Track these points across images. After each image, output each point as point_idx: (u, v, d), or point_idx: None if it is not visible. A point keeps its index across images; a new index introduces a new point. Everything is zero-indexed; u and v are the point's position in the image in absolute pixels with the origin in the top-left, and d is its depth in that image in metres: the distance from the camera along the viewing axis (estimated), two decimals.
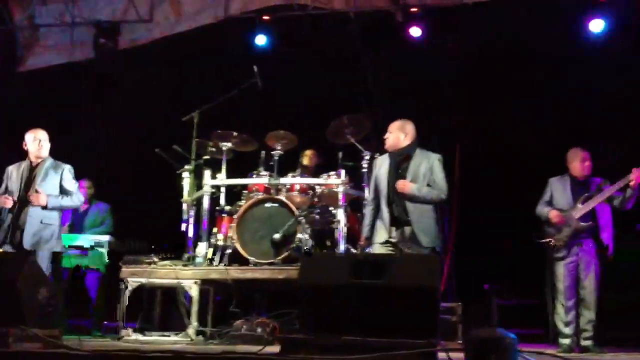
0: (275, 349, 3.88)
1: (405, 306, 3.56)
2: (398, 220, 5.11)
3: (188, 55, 7.94)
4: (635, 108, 7.11)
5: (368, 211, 5.39)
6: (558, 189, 5.69)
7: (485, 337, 3.29)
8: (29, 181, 5.77)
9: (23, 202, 5.70)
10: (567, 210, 5.57)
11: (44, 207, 5.67)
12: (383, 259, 3.79)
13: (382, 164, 5.33)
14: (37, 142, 5.80)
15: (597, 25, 7.12)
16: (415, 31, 7.61)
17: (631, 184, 5.32)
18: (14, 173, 5.83)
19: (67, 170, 5.88)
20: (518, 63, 7.49)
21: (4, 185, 5.86)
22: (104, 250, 6.96)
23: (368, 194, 5.58)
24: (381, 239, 5.15)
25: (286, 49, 7.86)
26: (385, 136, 5.32)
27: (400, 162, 5.21)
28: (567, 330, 5.51)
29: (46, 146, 5.85)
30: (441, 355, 3.46)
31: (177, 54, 8.00)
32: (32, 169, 5.82)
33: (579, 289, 5.54)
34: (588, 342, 5.41)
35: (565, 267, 5.55)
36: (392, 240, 5.08)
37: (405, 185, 5.07)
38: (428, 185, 5.13)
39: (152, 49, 8.07)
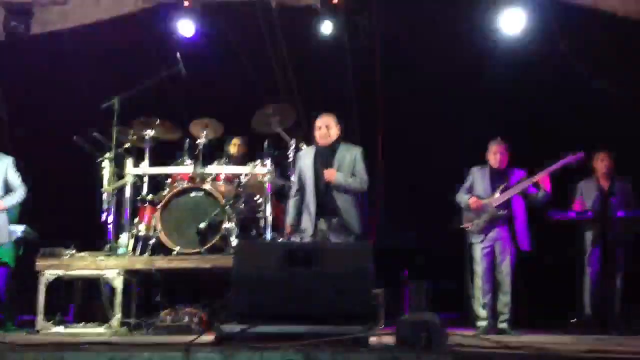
0: (208, 338, 3.87)
1: (339, 293, 3.64)
2: (325, 211, 5.28)
3: (109, 41, 7.69)
4: (554, 102, 7.50)
5: (292, 202, 5.53)
6: (478, 178, 5.96)
7: (416, 321, 3.41)
8: None
9: None
10: (485, 198, 5.83)
11: None
12: (317, 247, 3.85)
13: (306, 156, 5.51)
14: None
15: (516, 18, 7.37)
16: (326, 27, 7.69)
17: (542, 187, 5.64)
18: None
19: (12, 162, 5.67)
20: (438, 54, 7.70)
21: None
22: (12, 243, 6.65)
23: (292, 183, 5.67)
24: (308, 231, 5.28)
25: (210, 37, 7.76)
26: (318, 130, 5.45)
27: (327, 155, 5.40)
28: (484, 313, 5.77)
29: None
30: (372, 339, 3.56)
31: (97, 40, 7.73)
32: None
33: (495, 274, 5.82)
34: (504, 325, 5.70)
35: (483, 252, 5.82)
36: (321, 231, 5.22)
37: (332, 174, 5.26)
38: (353, 175, 5.33)
39: (69, 34, 7.76)
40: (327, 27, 7.68)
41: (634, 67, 7.19)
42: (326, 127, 5.43)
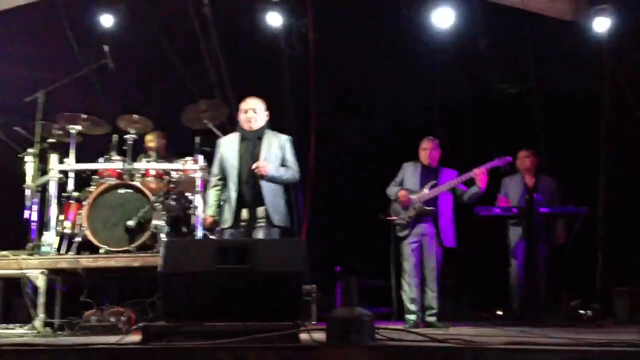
0: (135, 338, 3.79)
1: (270, 290, 3.63)
2: (248, 201, 5.02)
3: (31, 31, 7.41)
4: (481, 101, 7.70)
5: (212, 192, 5.28)
6: (409, 173, 6.08)
7: (346, 316, 3.43)
8: None
9: None
10: (414, 193, 5.95)
11: None
12: (248, 244, 3.82)
13: (229, 143, 5.22)
14: None
15: (445, 19, 7.51)
16: (272, 17, 7.66)
17: (478, 183, 5.77)
18: None
19: None
20: (370, 52, 7.78)
21: None
22: None
23: (212, 171, 5.40)
24: (228, 223, 5.06)
25: (140, 30, 7.59)
26: (244, 113, 5.19)
27: (253, 142, 5.15)
28: (413, 307, 5.88)
29: None
30: (303, 335, 3.56)
31: (19, 30, 7.44)
32: None
33: (423, 268, 5.94)
34: (432, 318, 5.82)
35: (411, 247, 5.93)
36: (243, 223, 4.93)
37: (263, 167, 4.99)
38: (283, 165, 5.16)
39: None
40: (271, 18, 7.62)
41: (562, 67, 7.47)
42: (253, 111, 5.13)
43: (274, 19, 7.58)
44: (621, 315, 6.38)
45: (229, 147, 5.20)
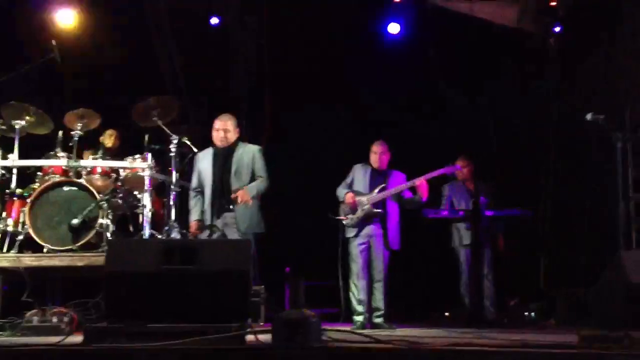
0: (77, 339, 3.72)
1: (217, 291, 3.61)
2: (221, 209, 5.50)
3: None
4: (429, 106, 7.82)
5: (194, 201, 5.71)
6: (359, 175, 6.13)
7: (292, 318, 3.44)
8: None
9: None
10: (363, 195, 6.00)
11: None
12: (194, 245, 3.79)
13: (205, 158, 5.67)
14: None
15: (394, 27, 7.61)
16: (216, 20, 7.63)
17: (419, 193, 5.88)
18: None
19: None
20: (324, 54, 7.81)
21: None
22: None
23: (191, 184, 5.80)
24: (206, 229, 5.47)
25: (91, 25, 7.44)
26: (216, 131, 5.58)
27: (225, 157, 5.57)
28: (360, 308, 5.92)
29: None
30: (249, 337, 3.56)
31: None
32: None
33: (370, 270, 5.98)
34: (379, 320, 5.87)
35: (359, 249, 5.97)
36: (215, 229, 5.44)
37: (243, 196, 5.41)
38: (253, 175, 5.53)
39: None
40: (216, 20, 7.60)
41: (508, 72, 7.64)
42: (224, 131, 5.56)
43: (217, 20, 7.58)
44: (563, 315, 6.56)
45: (204, 162, 5.67)
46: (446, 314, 7.35)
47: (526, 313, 6.57)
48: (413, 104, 7.87)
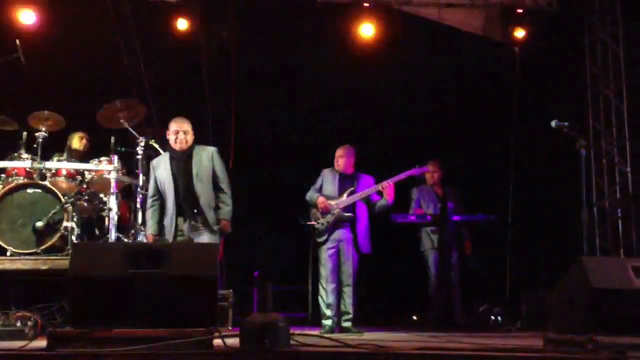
0: (41, 344, 3.65)
1: (184, 295, 3.57)
2: (186, 213, 5.33)
3: None
4: (400, 108, 7.87)
5: (150, 212, 5.43)
6: (328, 179, 6.11)
7: (260, 322, 3.43)
8: None
9: None
10: (333, 199, 6.00)
11: None
12: (161, 249, 3.74)
13: (161, 164, 5.45)
14: None
15: (366, 30, 7.61)
16: (182, 23, 7.58)
17: (385, 196, 5.90)
18: None
19: None
20: (291, 60, 7.82)
21: None
22: None
23: (148, 193, 5.55)
24: (171, 235, 5.29)
25: (54, 26, 7.31)
26: (175, 134, 5.35)
27: (184, 160, 5.38)
28: (329, 312, 5.91)
29: None
30: (217, 341, 3.53)
31: None
32: None
33: (339, 274, 5.98)
34: (348, 324, 5.87)
35: (328, 253, 5.96)
36: (183, 232, 5.30)
37: (227, 227, 5.38)
38: (214, 177, 5.37)
39: None
40: (183, 24, 7.55)
41: (475, 79, 7.74)
42: (184, 132, 5.36)
43: (190, 21, 7.51)
44: (528, 319, 6.63)
45: (161, 168, 5.43)
46: (414, 317, 7.40)
47: (492, 317, 6.65)
48: (385, 106, 7.91)
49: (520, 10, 7.49)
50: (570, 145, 5.30)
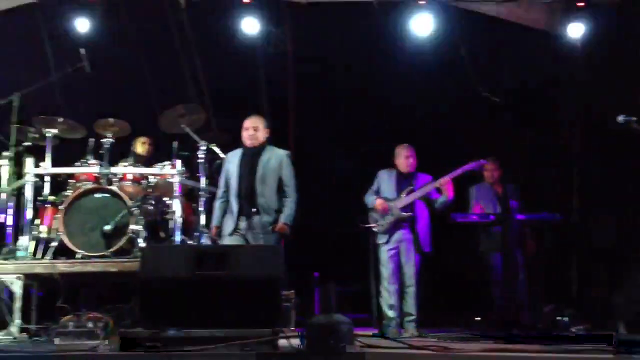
0: (112, 344, 3.77)
1: (249, 296, 3.64)
2: (247, 211, 5.41)
3: (7, 35, 7.32)
4: (455, 108, 7.78)
5: (218, 204, 5.61)
6: (385, 180, 6.11)
7: (324, 323, 3.45)
8: None
9: None
10: (391, 200, 5.98)
11: None
12: (226, 250, 3.83)
13: (233, 159, 5.61)
14: None
15: (424, 27, 7.56)
16: (244, 23, 7.68)
17: (445, 192, 5.84)
18: None
19: None
20: (349, 60, 7.81)
21: None
22: None
23: (219, 185, 5.71)
24: (229, 230, 5.40)
25: (116, 33, 7.53)
26: (245, 130, 5.52)
27: (252, 158, 5.50)
28: (391, 314, 5.90)
29: None
30: (282, 342, 3.57)
31: None
32: None
33: (401, 275, 5.96)
34: (411, 325, 5.84)
35: (389, 254, 5.95)
36: (240, 230, 5.38)
37: (284, 229, 5.42)
38: (280, 182, 5.43)
39: None
40: (249, 24, 7.64)
41: (536, 75, 7.58)
42: (254, 129, 5.49)
43: (250, 25, 7.57)
44: (596, 320, 6.47)
45: (232, 162, 5.61)
46: (477, 318, 7.29)
47: (559, 317, 6.50)
48: (440, 104, 7.83)
49: (581, 4, 7.30)
50: (638, 141, 5.14)
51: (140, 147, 6.74)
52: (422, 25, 7.41)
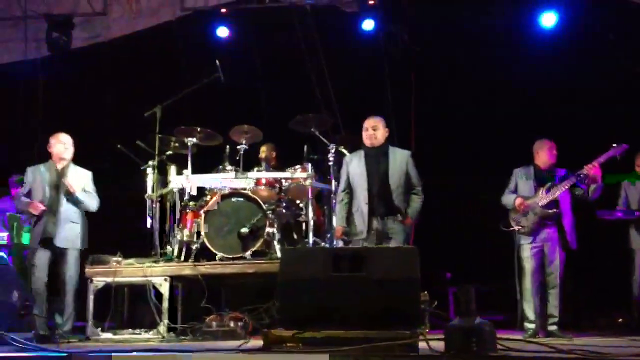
0: (255, 343, 3.91)
1: (387, 298, 3.63)
2: (379, 212, 5.41)
3: (149, 50, 7.82)
4: (587, 100, 7.39)
5: (340, 205, 5.60)
6: (522, 178, 5.86)
7: (466, 326, 3.38)
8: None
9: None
10: (531, 198, 5.72)
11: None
12: (363, 252, 3.84)
13: (354, 160, 5.61)
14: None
15: (549, 19, 7.29)
16: (368, 24, 7.71)
17: (590, 175, 5.49)
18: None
19: (91, 176, 6.13)
20: (472, 56, 7.64)
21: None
22: None
23: (339, 187, 5.71)
24: (360, 232, 5.40)
25: (246, 43, 7.82)
26: (365, 131, 5.54)
27: (378, 157, 5.51)
28: (533, 316, 5.65)
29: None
30: (421, 344, 3.54)
31: (138, 50, 7.86)
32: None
33: (544, 275, 5.70)
34: (554, 327, 5.55)
35: (531, 252, 5.69)
36: (376, 231, 5.38)
37: (409, 222, 5.47)
38: (409, 185, 5.49)
39: (109, 45, 7.91)
40: (368, 25, 7.70)
41: None
42: (373, 129, 5.53)
43: (369, 25, 7.60)
44: None
45: (355, 164, 5.59)
46: (619, 319, 6.87)
47: None
48: (577, 95, 7.45)
49: None
50: None
51: (265, 152, 6.97)
52: (546, 16, 7.16)
